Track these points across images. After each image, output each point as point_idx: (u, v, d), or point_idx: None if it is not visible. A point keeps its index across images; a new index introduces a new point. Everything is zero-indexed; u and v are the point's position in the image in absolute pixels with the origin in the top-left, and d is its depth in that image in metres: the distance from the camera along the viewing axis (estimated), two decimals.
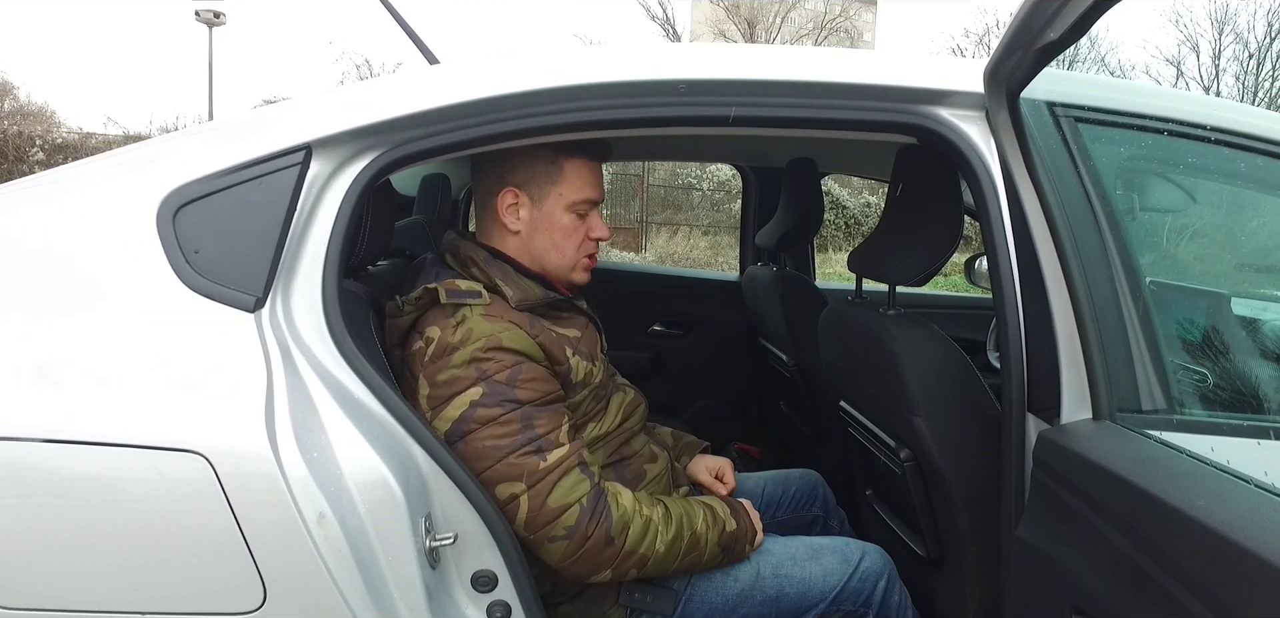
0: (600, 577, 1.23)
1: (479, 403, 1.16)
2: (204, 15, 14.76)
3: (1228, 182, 1.29)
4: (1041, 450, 1.05)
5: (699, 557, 1.30)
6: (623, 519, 1.22)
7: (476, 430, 1.17)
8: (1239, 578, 0.66)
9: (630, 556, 1.22)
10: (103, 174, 1.16)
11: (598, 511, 1.20)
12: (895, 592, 1.46)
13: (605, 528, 1.20)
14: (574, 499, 1.18)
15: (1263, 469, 0.77)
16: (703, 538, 1.30)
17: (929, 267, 1.35)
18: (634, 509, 1.24)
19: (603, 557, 1.20)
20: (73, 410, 1.00)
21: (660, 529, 1.25)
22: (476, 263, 1.29)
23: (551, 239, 1.35)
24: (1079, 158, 1.11)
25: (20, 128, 12.53)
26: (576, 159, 1.34)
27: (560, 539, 1.17)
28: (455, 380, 1.18)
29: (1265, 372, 1.26)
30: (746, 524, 1.38)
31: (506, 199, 1.33)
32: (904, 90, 1.18)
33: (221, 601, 1.03)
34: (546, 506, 1.17)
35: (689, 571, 1.32)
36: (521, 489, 1.17)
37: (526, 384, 1.20)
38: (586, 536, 1.18)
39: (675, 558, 1.27)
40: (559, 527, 1.17)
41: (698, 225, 13.76)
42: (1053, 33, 0.88)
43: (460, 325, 1.20)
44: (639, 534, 1.23)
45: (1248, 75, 18.84)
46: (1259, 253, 1.40)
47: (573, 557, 1.19)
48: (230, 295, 1.06)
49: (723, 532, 1.33)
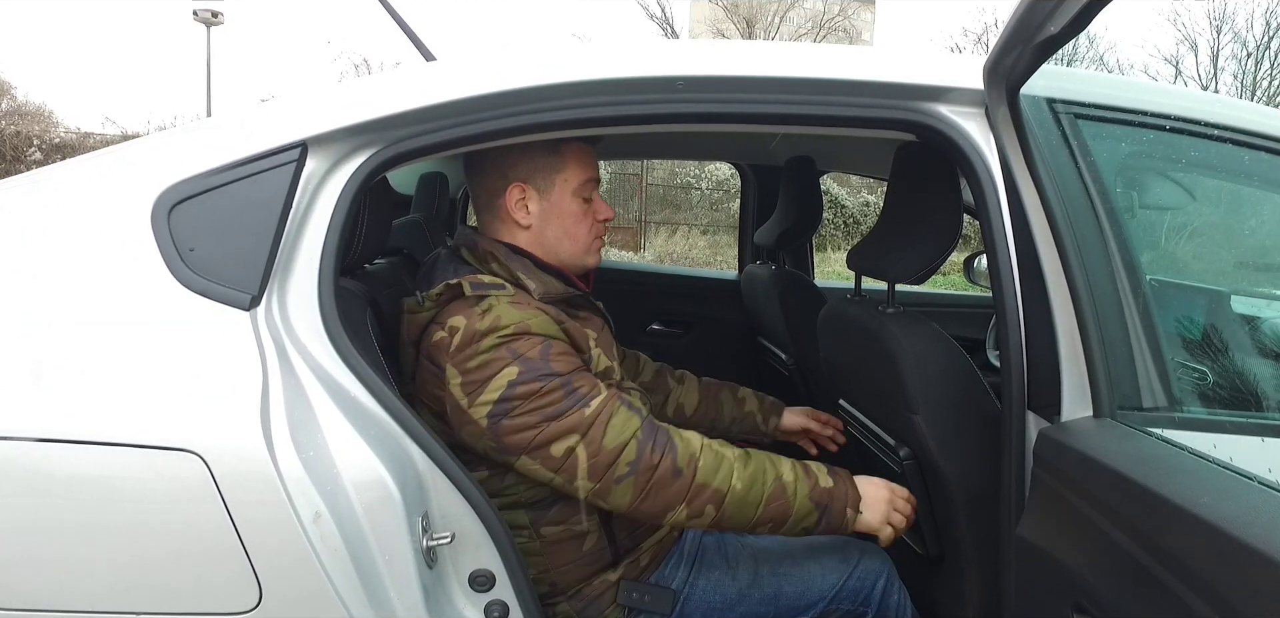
0: (676, 516, 1.18)
1: (517, 381, 1.15)
2: (202, 14, 14.75)
3: (1228, 179, 1.28)
4: (1042, 448, 1.04)
5: (787, 506, 1.21)
6: (688, 450, 1.18)
7: (519, 405, 1.15)
8: (1243, 575, 0.65)
9: (704, 489, 1.17)
10: (97, 172, 1.15)
11: (657, 441, 1.17)
12: (894, 591, 1.45)
13: (671, 458, 1.16)
14: (629, 434, 1.16)
15: (1266, 467, 0.77)
16: (790, 488, 1.21)
17: (928, 265, 1.34)
18: (701, 444, 1.20)
19: (673, 489, 1.16)
20: (67, 410, 0.99)
21: (736, 467, 1.20)
22: (497, 258, 1.29)
23: (563, 227, 1.35)
24: (1079, 154, 1.11)
25: (18, 127, 12.52)
26: (574, 144, 1.35)
27: (626, 478, 1.15)
28: (488, 363, 1.17)
29: (1266, 370, 1.25)
30: (847, 488, 1.27)
31: (514, 195, 1.32)
32: (903, 87, 1.18)
33: (217, 601, 1.02)
34: (604, 447, 1.15)
35: (777, 523, 1.21)
36: (576, 440, 1.15)
37: (559, 357, 1.19)
38: (653, 466, 1.15)
39: (758, 502, 1.19)
40: (622, 464, 1.15)
41: (696, 224, 13.76)
42: (1052, 27, 0.88)
43: (487, 313, 1.19)
44: (710, 467, 1.18)
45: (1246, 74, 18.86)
46: (1259, 250, 1.39)
47: (642, 493, 1.16)
48: (226, 293, 1.06)
49: (815, 486, 1.24)
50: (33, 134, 12.38)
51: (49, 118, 14.06)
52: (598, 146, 1.42)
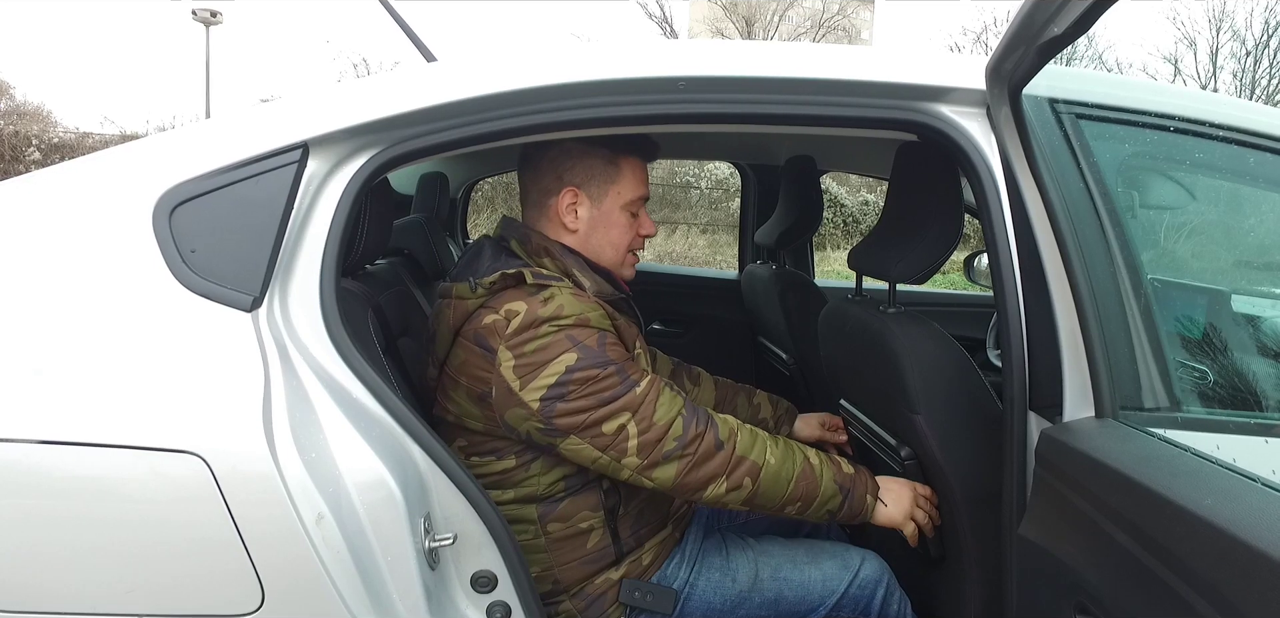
0: (715, 489, 1.22)
1: (575, 367, 1.18)
2: (201, 14, 14.72)
3: (1230, 178, 1.28)
4: (1044, 448, 1.04)
5: (814, 487, 1.27)
6: (727, 426, 1.25)
7: (576, 390, 1.18)
8: (1247, 577, 0.65)
9: (742, 462, 1.23)
10: (99, 173, 1.15)
11: (700, 418, 1.23)
12: (894, 601, 1.45)
13: (713, 433, 1.23)
14: (675, 412, 1.22)
15: (1270, 468, 0.77)
16: (818, 471, 1.28)
17: (929, 265, 1.34)
18: (737, 422, 1.27)
19: (715, 462, 1.22)
20: (69, 411, 0.99)
21: (769, 444, 1.27)
22: (551, 255, 1.31)
23: (609, 237, 1.38)
24: (1081, 154, 1.11)
25: (16, 127, 12.50)
26: (632, 158, 1.38)
27: (674, 453, 1.20)
28: (547, 348, 1.19)
29: (1268, 369, 1.25)
30: (867, 478, 1.33)
31: (566, 199, 1.35)
32: (904, 87, 1.18)
33: (219, 602, 1.02)
34: (654, 423, 1.20)
35: (805, 502, 1.27)
36: (628, 417, 1.19)
37: (613, 348, 1.24)
38: (698, 438, 1.21)
39: (789, 479, 1.26)
40: (670, 439, 1.20)
41: (696, 223, 13.75)
42: (1056, 28, 0.88)
43: (550, 300, 1.21)
44: (748, 442, 1.25)
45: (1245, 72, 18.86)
46: (1261, 250, 1.39)
47: (688, 468, 1.20)
48: (227, 295, 1.06)
49: (839, 470, 1.31)
50: (31, 134, 12.35)
51: (48, 118, 14.05)
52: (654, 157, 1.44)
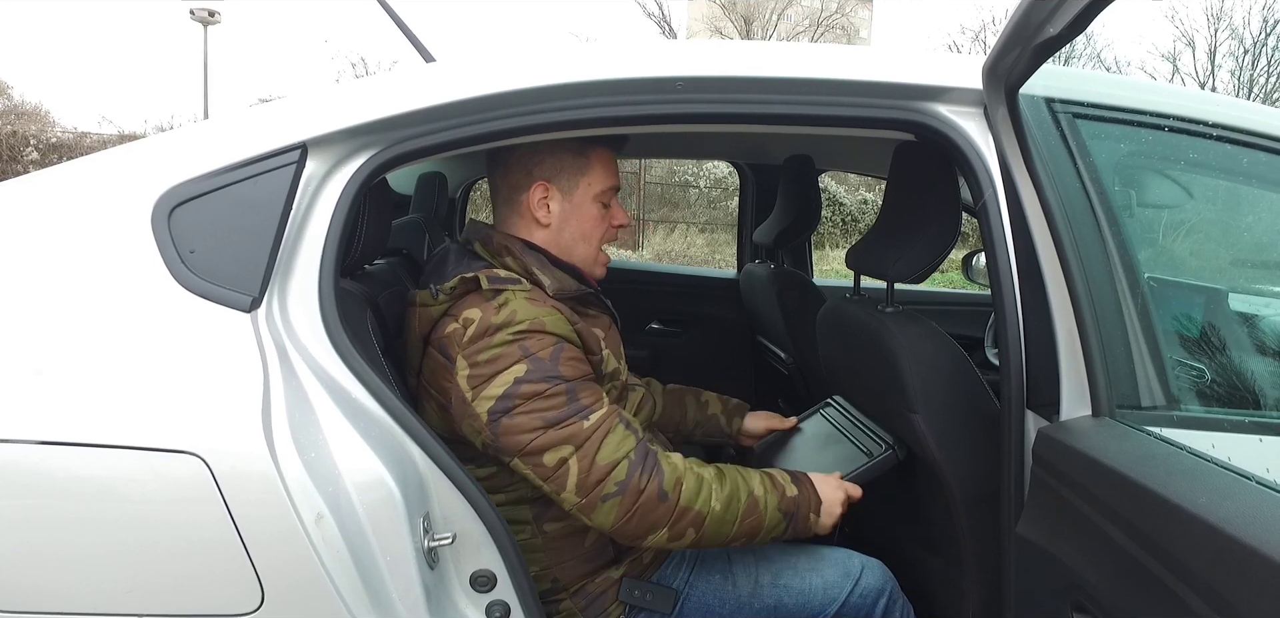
0: (656, 538, 1.19)
1: (523, 379, 1.16)
2: (199, 13, 14.71)
3: (1226, 177, 1.29)
4: (1041, 447, 1.04)
5: (759, 521, 1.24)
6: (675, 475, 1.19)
7: (521, 405, 1.16)
8: (1242, 575, 0.65)
9: (686, 513, 1.19)
10: (97, 174, 1.15)
11: (647, 464, 1.18)
12: (896, 610, 1.44)
13: (657, 482, 1.17)
14: (622, 455, 1.16)
15: (1264, 466, 0.77)
16: (762, 502, 1.24)
17: (927, 264, 1.34)
18: (685, 466, 1.22)
19: (657, 513, 1.17)
20: (68, 412, 0.99)
21: (714, 487, 1.22)
22: (512, 253, 1.29)
23: (581, 229, 1.37)
24: (1077, 154, 1.11)
25: (15, 127, 12.48)
26: (601, 150, 1.36)
27: (613, 497, 1.15)
28: (499, 358, 1.17)
29: (1264, 368, 1.25)
30: (808, 492, 1.31)
31: (538, 193, 1.34)
32: (902, 87, 1.18)
33: (219, 602, 1.02)
34: (596, 463, 1.15)
35: (749, 536, 1.25)
36: (570, 452, 1.15)
37: (568, 362, 1.20)
38: (639, 490, 1.16)
39: (734, 520, 1.22)
40: (610, 483, 1.15)
41: (695, 223, 13.75)
42: (1052, 28, 0.88)
43: (504, 307, 1.20)
44: (693, 491, 1.19)
45: (1243, 70, 18.88)
46: (1257, 248, 1.40)
47: (627, 514, 1.16)
48: (226, 295, 1.06)
49: (783, 496, 1.27)
50: (29, 134, 12.34)
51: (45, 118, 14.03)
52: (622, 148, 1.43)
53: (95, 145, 12.01)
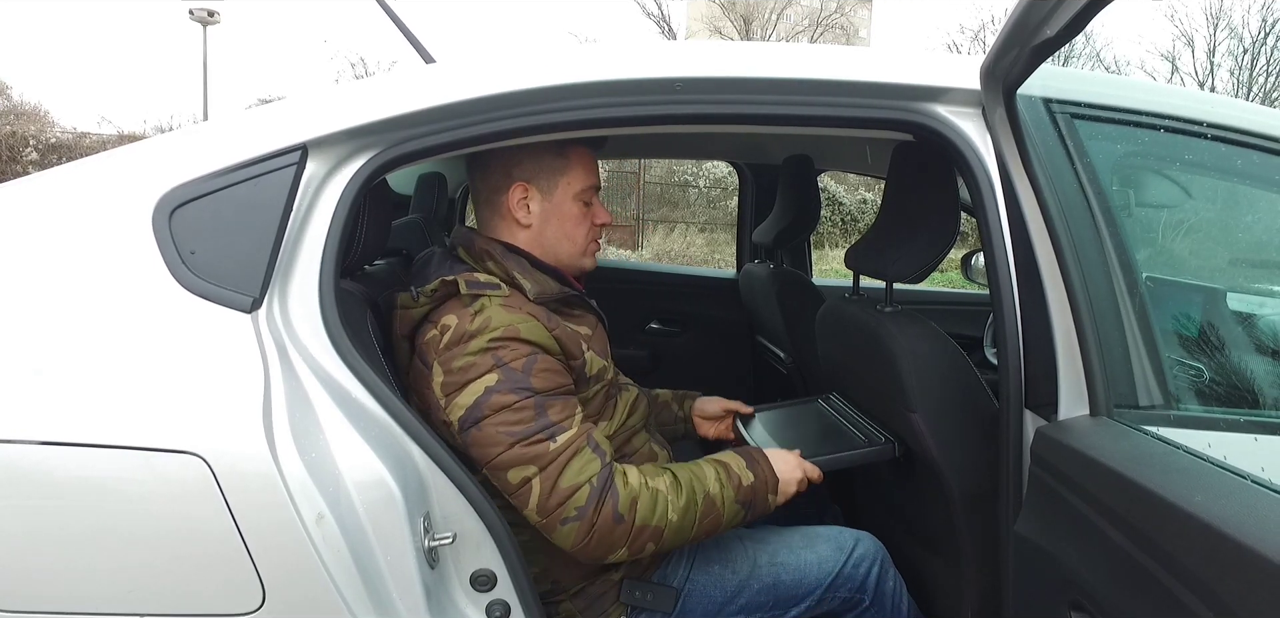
0: (617, 556, 1.20)
1: (494, 389, 1.16)
2: (198, 13, 14.70)
3: (1224, 178, 1.29)
4: (1039, 447, 1.05)
5: (718, 519, 1.26)
6: (629, 495, 1.19)
7: (490, 416, 1.16)
8: (1236, 574, 0.66)
9: (644, 530, 1.19)
10: (98, 175, 1.16)
11: (605, 489, 1.18)
12: (889, 577, 1.46)
13: (613, 505, 1.17)
14: (584, 480, 1.17)
15: (1259, 465, 0.77)
16: (718, 498, 1.25)
17: (926, 264, 1.35)
18: (640, 483, 1.21)
19: (614, 536, 1.18)
20: (70, 413, 0.99)
21: (670, 499, 1.22)
22: (493, 257, 1.29)
23: (563, 229, 1.37)
24: (1075, 154, 1.11)
25: (14, 128, 12.47)
26: (580, 149, 1.37)
27: (572, 521, 1.15)
28: (471, 367, 1.17)
29: (1261, 367, 1.26)
30: (765, 473, 1.32)
31: (517, 194, 1.34)
32: (900, 87, 1.19)
33: (220, 602, 1.03)
34: (557, 487, 1.15)
35: (711, 533, 1.27)
36: (533, 472, 1.16)
37: (541, 374, 1.20)
38: (594, 517, 1.16)
39: (692, 525, 1.23)
40: (570, 507, 1.15)
41: (694, 222, 13.76)
42: (1049, 30, 0.88)
43: (479, 314, 1.20)
44: (648, 508, 1.20)
45: (1242, 70, 18.89)
46: (1255, 248, 1.40)
47: (585, 538, 1.16)
48: (227, 296, 1.06)
49: (739, 487, 1.28)
50: (28, 134, 12.32)
51: (45, 118, 14.02)
52: (602, 149, 1.42)
53: (94, 146, 12.01)
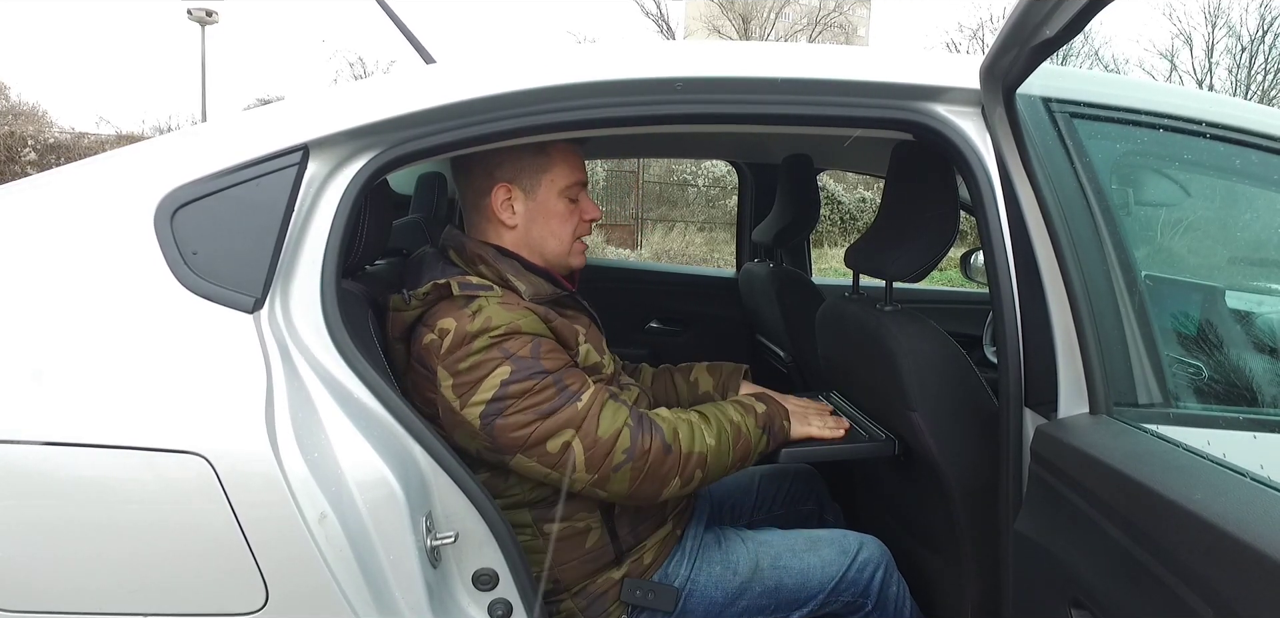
0: (671, 489, 1.24)
1: (509, 380, 1.18)
2: (196, 13, 14.69)
3: (1223, 176, 1.30)
4: (1039, 445, 1.05)
5: (748, 444, 1.32)
6: (670, 428, 1.25)
7: (513, 403, 1.18)
8: (1236, 571, 0.66)
9: (690, 457, 1.25)
10: (100, 175, 1.16)
11: (644, 425, 1.23)
12: (893, 582, 1.47)
13: (660, 438, 1.23)
14: (620, 423, 1.21)
15: (1258, 463, 0.78)
16: (742, 425, 1.32)
17: (926, 262, 1.35)
18: (674, 417, 1.28)
19: (666, 465, 1.23)
20: (72, 413, 0.99)
21: (702, 428, 1.28)
22: (485, 260, 1.30)
23: (549, 227, 1.37)
24: (1075, 153, 1.12)
25: (12, 128, 12.47)
26: (562, 145, 1.36)
27: (623, 465, 1.20)
28: (480, 364, 1.18)
29: (1260, 365, 1.26)
30: (775, 405, 1.40)
31: (500, 195, 1.34)
32: (900, 87, 1.19)
33: (223, 602, 1.03)
34: (599, 438, 1.19)
35: (744, 458, 1.33)
36: (571, 434, 1.19)
37: (548, 355, 1.22)
38: (646, 450, 1.21)
39: (728, 451, 1.29)
40: (618, 452, 1.20)
41: (693, 221, 13.76)
42: (1049, 30, 0.89)
43: (477, 314, 1.21)
44: (688, 436, 1.26)
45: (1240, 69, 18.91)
46: (1253, 247, 1.40)
47: (640, 476, 1.21)
48: (229, 296, 1.06)
49: (757, 415, 1.36)
50: (27, 135, 12.31)
51: (43, 118, 14.03)
52: (586, 147, 1.43)
53: (93, 146, 12.00)
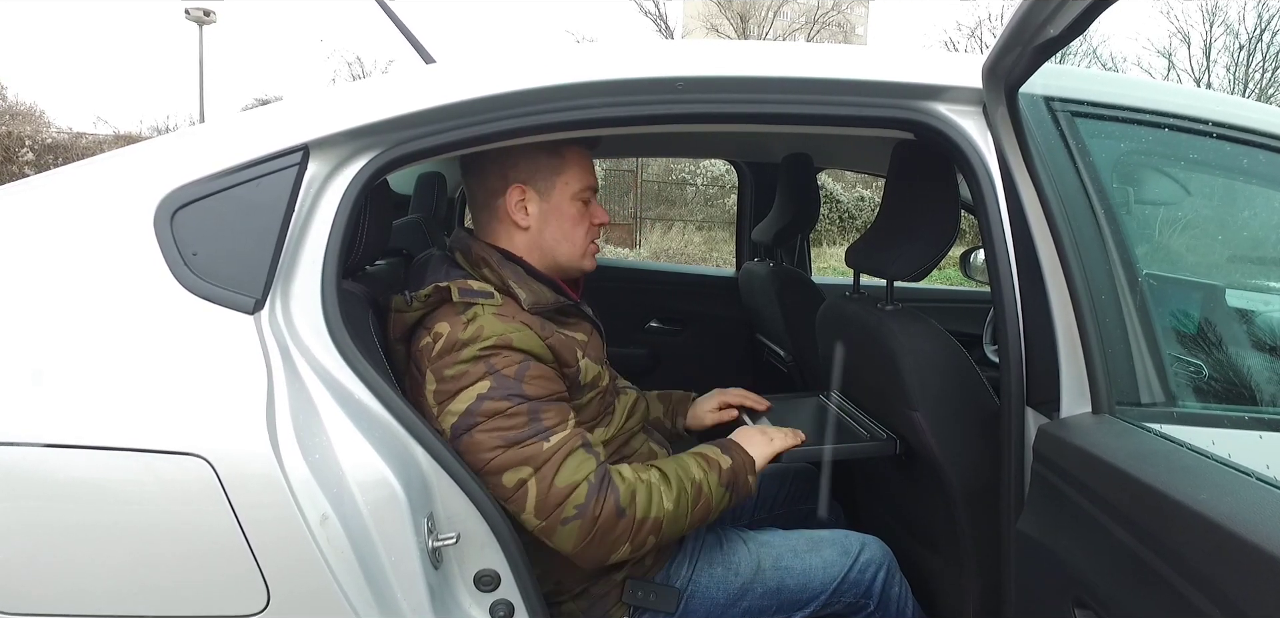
0: (619, 554, 1.20)
1: (485, 396, 1.16)
2: (194, 13, 14.67)
3: (1224, 175, 1.30)
4: (1042, 444, 1.05)
5: (708, 504, 1.28)
6: (628, 489, 1.20)
7: (482, 422, 1.16)
8: (1244, 572, 0.66)
9: (644, 523, 1.20)
10: (100, 176, 1.15)
11: (604, 486, 1.18)
12: (895, 583, 1.46)
13: (614, 501, 1.18)
14: (581, 478, 1.17)
15: (1264, 462, 0.78)
16: (703, 484, 1.27)
17: (927, 262, 1.35)
18: (634, 477, 1.23)
19: (617, 531, 1.18)
20: (73, 415, 0.99)
21: (662, 490, 1.24)
22: (489, 264, 1.29)
23: (562, 230, 1.36)
24: (1076, 152, 1.12)
25: (9, 128, 12.43)
26: (576, 149, 1.36)
27: (572, 520, 1.15)
28: (463, 375, 1.17)
29: (1263, 365, 1.26)
30: (741, 457, 1.34)
31: (515, 196, 1.33)
32: (902, 86, 1.19)
33: (225, 604, 1.02)
34: (554, 486, 1.15)
35: (703, 518, 1.29)
36: (529, 474, 1.15)
37: (533, 380, 1.19)
38: (596, 515, 1.16)
39: (685, 513, 1.25)
40: (569, 506, 1.15)
41: (691, 220, 13.76)
42: (1052, 29, 0.88)
43: (471, 322, 1.19)
44: (645, 500, 1.21)
45: (1238, 67, 18.93)
46: (1256, 245, 1.40)
47: (587, 537, 1.16)
48: (229, 297, 1.06)
49: (721, 472, 1.30)
50: (24, 135, 12.28)
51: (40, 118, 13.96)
52: (596, 148, 1.42)
53: (91, 146, 11.97)
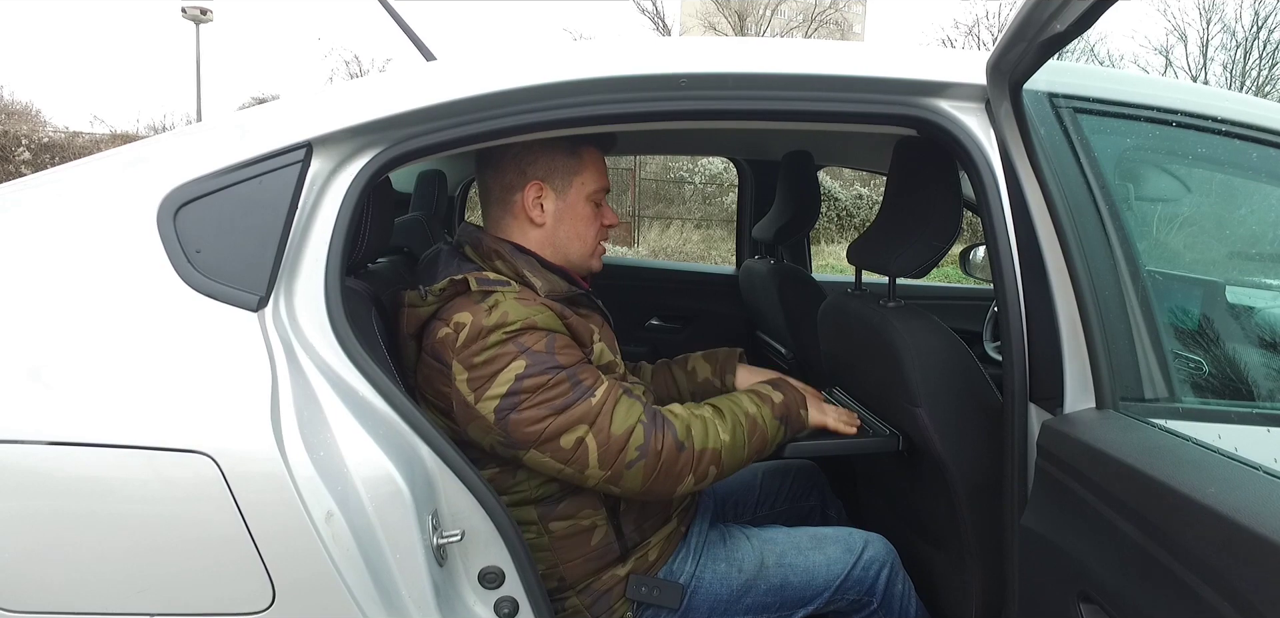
0: (685, 486, 1.25)
1: (525, 374, 1.18)
2: (190, 11, 14.63)
3: (1228, 171, 1.30)
4: (1046, 440, 1.05)
5: (764, 436, 1.33)
6: (683, 425, 1.25)
7: (526, 398, 1.18)
8: (1253, 564, 0.66)
9: (704, 454, 1.25)
10: (102, 174, 1.15)
11: (658, 422, 1.24)
12: (898, 581, 1.47)
13: (672, 435, 1.23)
14: (634, 420, 1.22)
15: (1272, 457, 0.78)
16: (758, 416, 1.33)
17: (929, 258, 1.35)
18: (687, 414, 1.28)
19: (680, 464, 1.23)
20: (76, 413, 0.99)
21: (717, 423, 1.29)
22: (502, 256, 1.30)
23: (575, 229, 1.38)
24: (1080, 148, 1.12)
25: (6, 127, 12.41)
26: (592, 150, 1.38)
27: (637, 462, 1.20)
28: (496, 358, 1.18)
29: (1265, 360, 1.26)
30: (793, 394, 1.40)
31: (532, 192, 1.34)
32: (904, 83, 1.19)
33: (230, 602, 1.02)
34: (612, 435, 1.19)
35: (760, 451, 1.33)
36: (585, 430, 1.19)
37: (563, 351, 1.22)
38: (659, 449, 1.21)
39: (743, 444, 1.30)
40: (631, 449, 1.20)
41: (690, 218, 13.76)
42: (1058, 25, 0.88)
43: (494, 309, 1.20)
44: (702, 432, 1.26)
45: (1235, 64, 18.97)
46: (1259, 241, 1.41)
47: (653, 474, 1.21)
48: (233, 295, 1.06)
49: (774, 405, 1.36)
50: (21, 134, 12.25)
51: (37, 117, 13.96)
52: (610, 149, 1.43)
53: (87, 145, 11.95)
